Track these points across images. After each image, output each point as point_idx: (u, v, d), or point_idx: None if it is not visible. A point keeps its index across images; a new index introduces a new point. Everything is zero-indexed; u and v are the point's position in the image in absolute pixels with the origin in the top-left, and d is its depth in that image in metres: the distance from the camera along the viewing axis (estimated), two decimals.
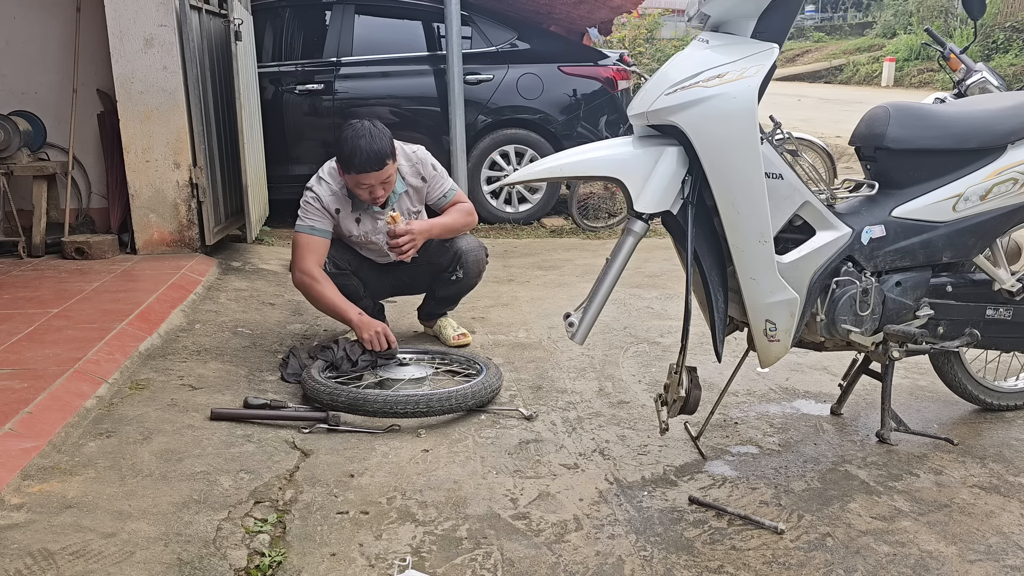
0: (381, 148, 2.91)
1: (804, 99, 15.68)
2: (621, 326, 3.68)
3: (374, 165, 2.91)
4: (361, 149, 2.89)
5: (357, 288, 3.22)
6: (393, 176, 3.02)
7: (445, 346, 3.35)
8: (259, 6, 5.67)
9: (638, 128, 2.23)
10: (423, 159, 3.20)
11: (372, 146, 2.89)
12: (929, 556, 1.93)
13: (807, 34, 26.93)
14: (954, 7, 18.94)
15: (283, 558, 1.88)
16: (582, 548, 1.95)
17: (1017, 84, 12.67)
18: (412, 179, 3.18)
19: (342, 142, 2.93)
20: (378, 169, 2.92)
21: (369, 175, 2.93)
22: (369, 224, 3.16)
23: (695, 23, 2.22)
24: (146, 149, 4.40)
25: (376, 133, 2.92)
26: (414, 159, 3.19)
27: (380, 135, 2.93)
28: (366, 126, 2.94)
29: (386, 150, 2.93)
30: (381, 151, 2.91)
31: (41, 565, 1.74)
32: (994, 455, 2.44)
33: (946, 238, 2.35)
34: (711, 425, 2.60)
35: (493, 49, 6.02)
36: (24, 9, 4.78)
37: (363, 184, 2.97)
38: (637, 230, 2.16)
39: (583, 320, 2.17)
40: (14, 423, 2.28)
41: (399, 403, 2.59)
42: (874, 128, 2.37)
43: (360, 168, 2.91)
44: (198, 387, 2.80)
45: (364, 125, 2.94)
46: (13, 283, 3.93)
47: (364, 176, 2.93)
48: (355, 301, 3.17)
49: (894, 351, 2.37)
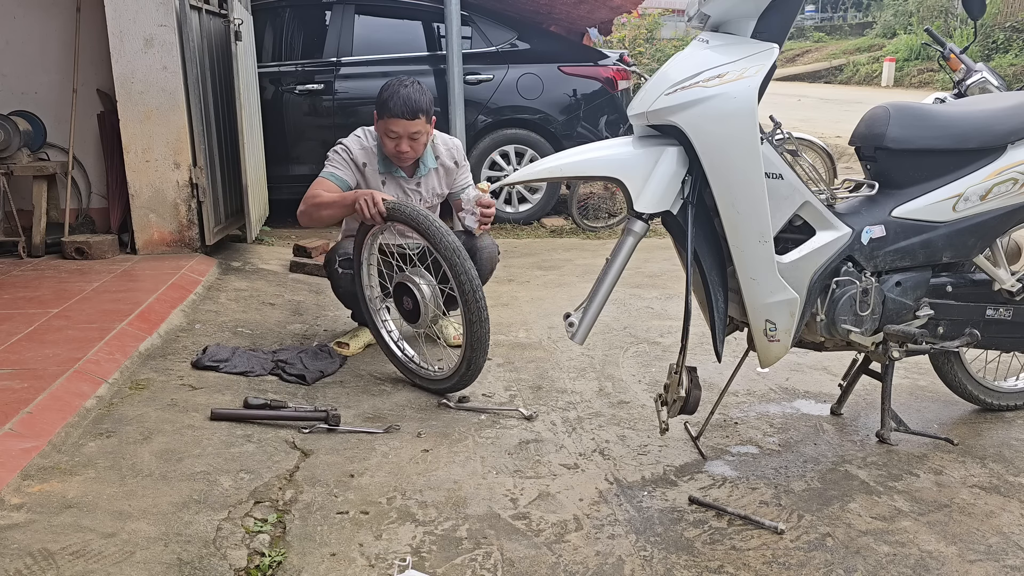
0: (418, 100, 2.98)
1: (804, 99, 15.69)
2: (621, 326, 3.68)
3: (406, 113, 2.96)
4: (399, 94, 2.97)
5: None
6: (423, 138, 3.07)
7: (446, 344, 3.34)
8: (259, 6, 5.67)
9: (638, 128, 2.23)
10: (459, 147, 3.33)
11: (411, 95, 2.97)
12: (929, 556, 1.93)
13: (807, 34, 26.94)
14: (954, 7, 18.94)
15: (283, 558, 1.88)
16: (582, 548, 1.96)
17: (1017, 84, 12.67)
18: (446, 160, 3.26)
19: (384, 88, 3.02)
20: (408, 118, 2.97)
21: (399, 121, 2.98)
22: (393, 189, 3.18)
23: (695, 23, 2.22)
24: (146, 149, 4.40)
25: (418, 88, 3.02)
26: (451, 144, 3.30)
27: (422, 91, 3.02)
28: (412, 80, 3.04)
29: (422, 104, 3.00)
30: (417, 102, 2.98)
31: (41, 565, 1.74)
32: (994, 455, 2.44)
33: (946, 238, 2.35)
34: (711, 425, 2.60)
35: (493, 49, 6.03)
36: (24, 9, 4.78)
37: (391, 131, 3.01)
38: (637, 230, 2.16)
39: (583, 320, 2.17)
40: (14, 423, 2.28)
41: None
42: (874, 128, 2.37)
43: (392, 112, 2.97)
44: (198, 387, 2.80)
45: (412, 79, 3.05)
46: (13, 283, 3.93)
47: (394, 121, 2.99)
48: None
49: (894, 351, 2.37)
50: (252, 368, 2.97)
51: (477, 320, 2.72)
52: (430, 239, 2.74)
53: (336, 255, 3.19)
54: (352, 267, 3.13)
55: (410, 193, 3.22)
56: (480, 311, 2.72)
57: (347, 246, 3.18)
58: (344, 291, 3.24)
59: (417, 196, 3.23)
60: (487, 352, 2.79)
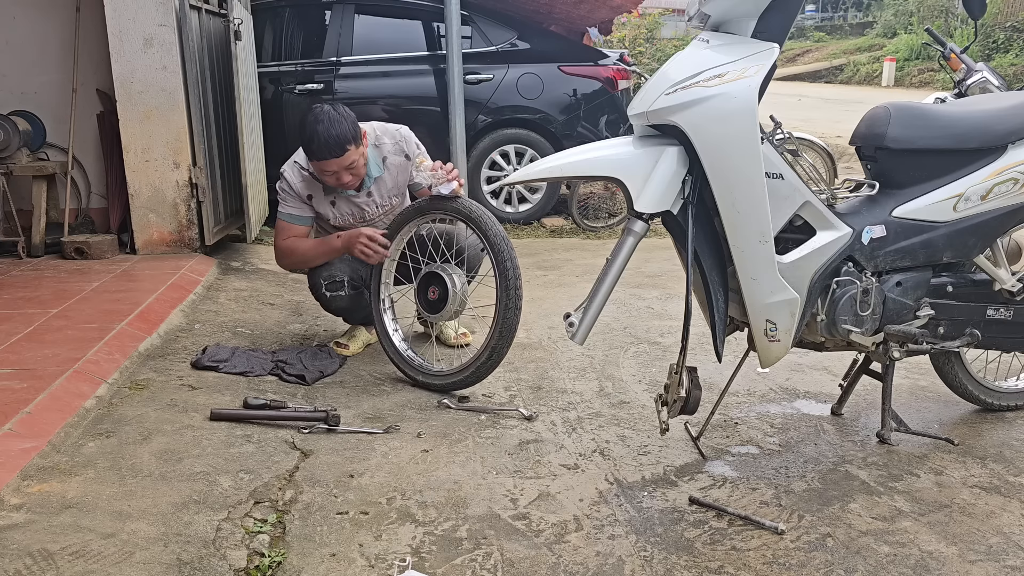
0: (340, 133, 2.81)
1: (804, 99, 15.68)
2: (621, 326, 3.68)
3: (333, 151, 2.82)
4: (319, 135, 2.80)
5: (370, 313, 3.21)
6: (359, 161, 2.93)
7: (446, 345, 3.34)
8: (259, 6, 5.67)
9: (638, 128, 2.23)
10: (407, 137, 3.13)
11: (330, 131, 2.79)
12: (929, 556, 1.92)
13: (807, 34, 26.93)
14: (954, 7, 18.94)
15: (283, 558, 1.88)
16: (582, 548, 1.95)
17: (1017, 84, 12.67)
18: (395, 157, 3.10)
19: (302, 127, 2.86)
20: (338, 156, 2.84)
21: (330, 162, 2.85)
22: (346, 206, 3.09)
23: (695, 23, 2.22)
24: (146, 149, 4.40)
25: (336, 118, 2.82)
26: (397, 137, 3.12)
27: (340, 119, 2.83)
28: (326, 110, 2.84)
29: (346, 135, 2.82)
30: (340, 136, 2.81)
31: (41, 565, 1.73)
32: (995, 455, 2.44)
33: (947, 238, 2.34)
34: (711, 425, 2.60)
35: (493, 49, 6.02)
36: (24, 9, 4.78)
37: (326, 171, 2.90)
38: (637, 230, 2.16)
39: (583, 320, 2.17)
40: (14, 423, 2.28)
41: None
42: (874, 128, 2.37)
43: (319, 155, 2.84)
44: (198, 387, 2.80)
45: (324, 109, 2.85)
46: (13, 283, 3.93)
47: (325, 163, 2.86)
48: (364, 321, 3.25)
49: (895, 351, 2.37)
50: (252, 368, 2.96)
51: (513, 308, 2.75)
52: (478, 225, 2.80)
53: (321, 279, 3.10)
54: (341, 288, 3.08)
55: (363, 205, 3.13)
56: (518, 299, 2.76)
57: (332, 268, 3.09)
58: (337, 308, 3.21)
59: (372, 205, 3.14)
60: (511, 345, 2.81)
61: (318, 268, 3.12)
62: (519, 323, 2.80)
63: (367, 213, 3.15)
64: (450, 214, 2.88)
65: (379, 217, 3.18)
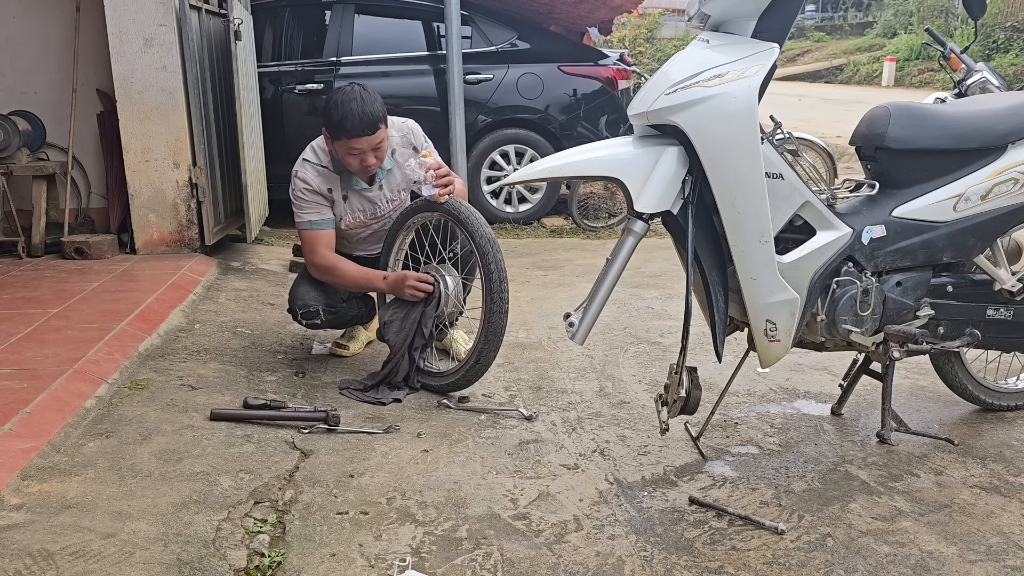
0: (374, 111, 2.80)
1: (804, 99, 15.69)
2: (621, 326, 3.68)
3: (367, 129, 2.80)
4: (353, 112, 2.77)
5: (360, 312, 3.23)
6: (385, 144, 2.91)
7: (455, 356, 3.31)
8: (259, 6, 5.67)
9: (638, 128, 2.23)
10: (414, 129, 3.11)
11: (364, 109, 2.78)
12: (930, 556, 1.92)
13: (807, 34, 26.94)
14: (954, 7, 18.94)
15: (283, 558, 1.88)
16: (582, 548, 1.95)
17: (1017, 84, 12.66)
18: (403, 149, 3.06)
19: (332, 107, 2.82)
20: (371, 133, 2.81)
21: (362, 140, 2.81)
22: (358, 202, 3.05)
23: (695, 23, 2.22)
24: (146, 149, 4.40)
25: (368, 97, 2.81)
26: (404, 129, 3.09)
27: (372, 98, 2.82)
28: (356, 90, 2.82)
29: (379, 113, 2.82)
30: (374, 114, 2.80)
31: (41, 565, 1.73)
32: (995, 455, 2.44)
33: (947, 238, 2.34)
34: (711, 425, 2.60)
35: (493, 49, 6.02)
36: (24, 9, 4.77)
37: (355, 150, 2.84)
38: (637, 230, 2.16)
39: (583, 320, 2.17)
40: (14, 423, 2.28)
41: None
42: (874, 128, 2.37)
43: (353, 132, 2.79)
44: (198, 387, 2.80)
45: (355, 89, 2.83)
46: (12, 283, 3.93)
47: (356, 141, 2.81)
48: (356, 322, 3.25)
49: (895, 351, 2.37)
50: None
51: (498, 311, 2.72)
52: (465, 227, 2.78)
53: (296, 307, 3.06)
54: (316, 317, 3.05)
55: (375, 200, 3.08)
56: (502, 302, 2.73)
57: (305, 296, 3.05)
58: (319, 329, 3.23)
59: (383, 199, 3.09)
60: (499, 349, 2.79)
61: (292, 295, 3.10)
62: (506, 326, 2.77)
63: (379, 209, 3.09)
64: (439, 214, 2.87)
65: (389, 214, 3.12)
